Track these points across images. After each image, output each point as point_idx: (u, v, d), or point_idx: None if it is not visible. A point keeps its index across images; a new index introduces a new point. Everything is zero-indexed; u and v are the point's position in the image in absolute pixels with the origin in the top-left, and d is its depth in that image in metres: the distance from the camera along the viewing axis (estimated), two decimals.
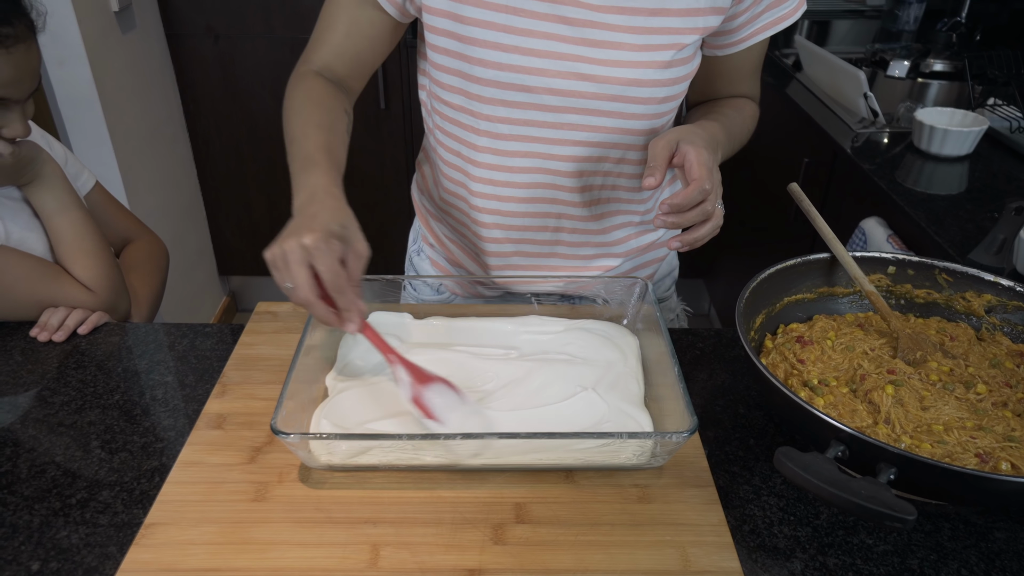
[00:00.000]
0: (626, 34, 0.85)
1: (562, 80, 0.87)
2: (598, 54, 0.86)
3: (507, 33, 0.85)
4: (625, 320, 0.94)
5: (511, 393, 0.82)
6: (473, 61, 0.87)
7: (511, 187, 0.97)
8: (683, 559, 0.66)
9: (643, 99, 0.89)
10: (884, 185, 1.45)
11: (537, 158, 0.94)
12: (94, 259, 1.06)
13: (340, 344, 0.90)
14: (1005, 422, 0.74)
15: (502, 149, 0.94)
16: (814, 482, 0.60)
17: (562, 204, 0.99)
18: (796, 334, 0.87)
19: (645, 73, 0.87)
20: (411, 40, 2.26)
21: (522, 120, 0.91)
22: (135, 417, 0.84)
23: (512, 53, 0.86)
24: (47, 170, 1.04)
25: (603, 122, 0.91)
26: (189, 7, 2.21)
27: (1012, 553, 0.69)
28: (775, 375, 0.75)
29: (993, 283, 0.88)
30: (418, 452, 0.72)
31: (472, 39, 0.86)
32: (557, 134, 0.92)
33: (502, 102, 0.90)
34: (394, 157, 2.46)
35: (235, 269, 2.72)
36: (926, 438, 0.72)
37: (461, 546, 0.67)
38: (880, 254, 0.92)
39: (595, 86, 0.88)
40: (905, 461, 0.62)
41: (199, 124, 2.41)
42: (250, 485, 0.73)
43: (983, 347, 0.86)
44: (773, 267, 0.88)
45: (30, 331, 0.98)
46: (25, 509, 0.72)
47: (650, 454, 0.73)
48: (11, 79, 0.92)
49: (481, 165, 0.96)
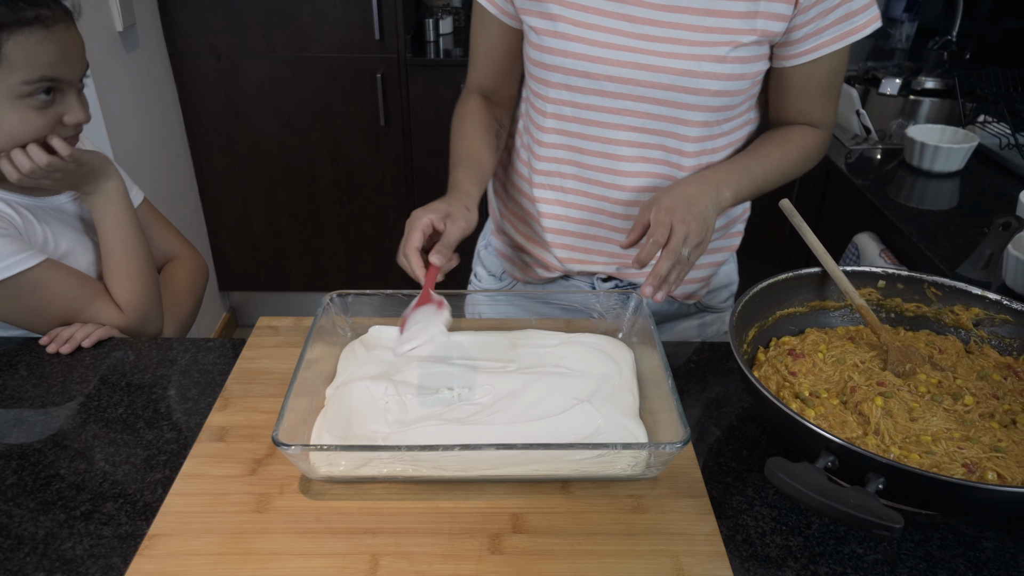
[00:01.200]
0: (683, 31, 0.92)
1: (622, 69, 0.95)
2: (655, 46, 0.93)
3: (574, 26, 0.95)
4: (620, 333, 0.96)
5: (508, 405, 0.83)
6: (544, 50, 0.98)
7: (571, 165, 1.06)
8: (677, 568, 0.67)
9: (696, 90, 0.94)
10: (876, 201, 1.48)
11: (595, 141, 1.02)
12: (137, 281, 1.07)
13: (340, 357, 0.91)
14: (992, 433, 0.76)
15: (564, 130, 1.03)
16: (804, 491, 0.61)
17: (618, 189, 1.05)
18: (788, 347, 0.89)
19: (699, 65, 0.93)
20: (410, 59, 2.29)
21: (584, 104, 1.00)
22: (138, 430, 0.85)
23: (576, 43, 0.95)
24: (111, 185, 1.06)
25: (658, 110, 0.97)
26: (192, 26, 2.25)
27: (1000, 562, 0.70)
28: (767, 387, 0.77)
29: (981, 296, 0.89)
30: (417, 463, 0.73)
31: (545, 30, 0.97)
32: (614, 119, 0.99)
33: (566, 87, 0.99)
34: (393, 174, 2.48)
35: (236, 285, 2.74)
36: (914, 448, 0.74)
37: (459, 556, 0.69)
38: (871, 268, 0.94)
39: (650, 75, 0.94)
40: (893, 471, 0.63)
41: (201, 142, 2.44)
42: (252, 496, 0.75)
43: (971, 359, 0.88)
44: (765, 281, 0.90)
45: (40, 340, 1.00)
46: (30, 521, 0.73)
47: (644, 465, 0.74)
48: (58, 58, 0.94)
49: (545, 145, 1.06)
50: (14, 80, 0.91)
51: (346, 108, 2.37)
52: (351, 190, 2.50)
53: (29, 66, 0.91)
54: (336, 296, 0.93)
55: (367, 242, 2.62)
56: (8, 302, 0.98)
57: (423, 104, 2.37)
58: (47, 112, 0.95)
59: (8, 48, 0.90)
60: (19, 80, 0.91)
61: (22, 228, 1.00)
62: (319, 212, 2.56)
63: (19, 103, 0.93)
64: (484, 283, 1.29)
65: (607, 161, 1.03)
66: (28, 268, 0.97)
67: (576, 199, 1.08)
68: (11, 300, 0.98)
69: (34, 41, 0.91)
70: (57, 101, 0.96)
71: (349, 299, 0.94)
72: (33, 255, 0.98)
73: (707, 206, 0.90)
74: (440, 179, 1.05)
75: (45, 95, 0.94)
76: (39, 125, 0.95)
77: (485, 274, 1.28)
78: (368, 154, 2.45)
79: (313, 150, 2.45)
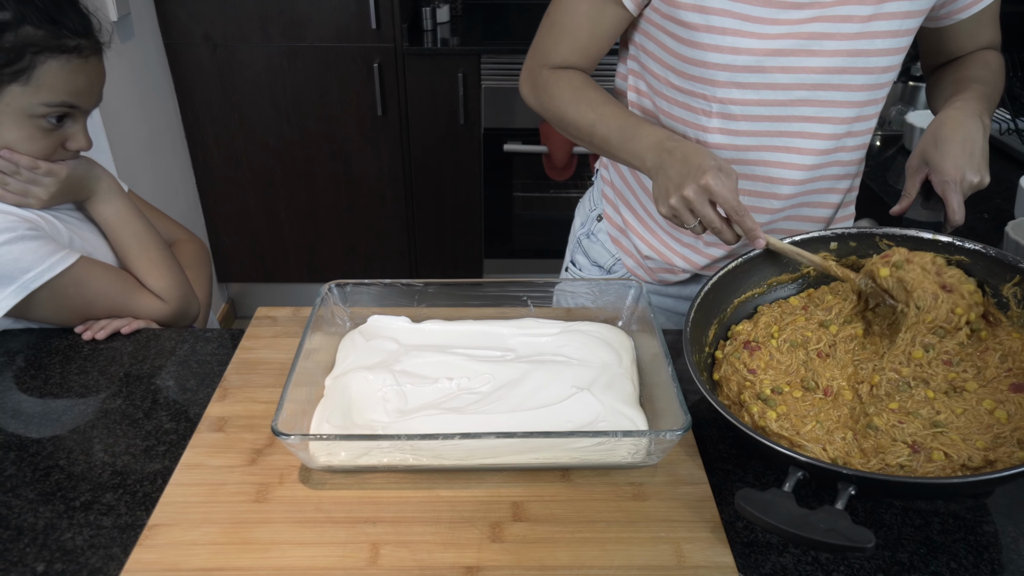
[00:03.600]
0: (856, 6, 0.89)
1: (793, 58, 0.91)
2: (827, 28, 0.89)
3: (736, 19, 0.90)
4: (620, 322, 0.96)
5: (508, 394, 0.83)
6: (708, 48, 0.92)
7: (738, 164, 1.00)
8: (677, 555, 0.67)
9: (868, 69, 0.92)
10: (876, 187, 1.47)
11: (765, 136, 0.98)
12: (164, 269, 1.08)
13: (339, 347, 0.91)
14: (929, 405, 0.75)
15: (733, 129, 0.98)
16: (773, 524, 0.61)
17: (784, 183, 1.01)
18: (743, 338, 0.87)
19: (872, 43, 0.90)
20: (407, 48, 2.28)
21: (754, 100, 0.95)
22: (138, 421, 0.85)
23: (743, 38, 0.90)
24: (103, 185, 1.06)
25: (830, 96, 0.94)
26: (187, 16, 2.23)
27: (1000, 546, 0.70)
28: (730, 388, 0.80)
29: (933, 240, 0.86)
30: (417, 452, 0.73)
31: (706, 27, 0.90)
32: (786, 111, 0.95)
33: (736, 84, 0.94)
34: (391, 164, 2.47)
35: (234, 276, 2.74)
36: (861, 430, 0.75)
37: (459, 544, 0.69)
38: (820, 233, 0.91)
39: (824, 60, 0.91)
40: (863, 480, 0.64)
41: (197, 132, 2.43)
42: (251, 486, 0.74)
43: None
44: (715, 276, 0.88)
45: (75, 328, 1.00)
46: (30, 512, 0.73)
47: (645, 452, 0.74)
48: (85, 88, 0.95)
49: (711, 146, 0.99)
50: (35, 100, 0.91)
51: (343, 98, 2.36)
52: (348, 180, 2.50)
53: (54, 91, 0.92)
54: (334, 286, 0.93)
55: (365, 232, 2.61)
56: (55, 303, 0.98)
57: (420, 94, 2.36)
58: (52, 135, 0.96)
59: (40, 71, 0.90)
60: (39, 101, 0.92)
61: (49, 230, 1.00)
62: (317, 202, 2.55)
63: (28, 121, 0.93)
64: (586, 273, 1.24)
65: (775, 155, 0.99)
66: (69, 266, 0.97)
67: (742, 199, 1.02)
68: (58, 300, 0.98)
69: (68, 69, 0.92)
70: (65, 126, 0.96)
71: (348, 288, 0.94)
72: (69, 253, 0.98)
73: (981, 141, 0.89)
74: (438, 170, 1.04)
75: (56, 120, 0.94)
76: (41, 145, 0.95)
77: (588, 264, 1.23)
78: (365, 144, 2.44)
79: (310, 140, 2.44)
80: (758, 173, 1.01)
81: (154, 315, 1.05)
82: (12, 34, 0.88)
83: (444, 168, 2.49)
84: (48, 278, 0.95)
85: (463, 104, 2.35)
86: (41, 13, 0.89)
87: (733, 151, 0.99)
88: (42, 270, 0.94)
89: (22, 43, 0.88)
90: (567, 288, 1.02)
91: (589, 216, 1.24)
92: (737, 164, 1.00)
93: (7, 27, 0.87)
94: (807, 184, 1.02)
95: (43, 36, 0.89)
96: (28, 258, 0.94)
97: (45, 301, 0.97)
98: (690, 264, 1.11)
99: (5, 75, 0.89)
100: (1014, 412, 0.73)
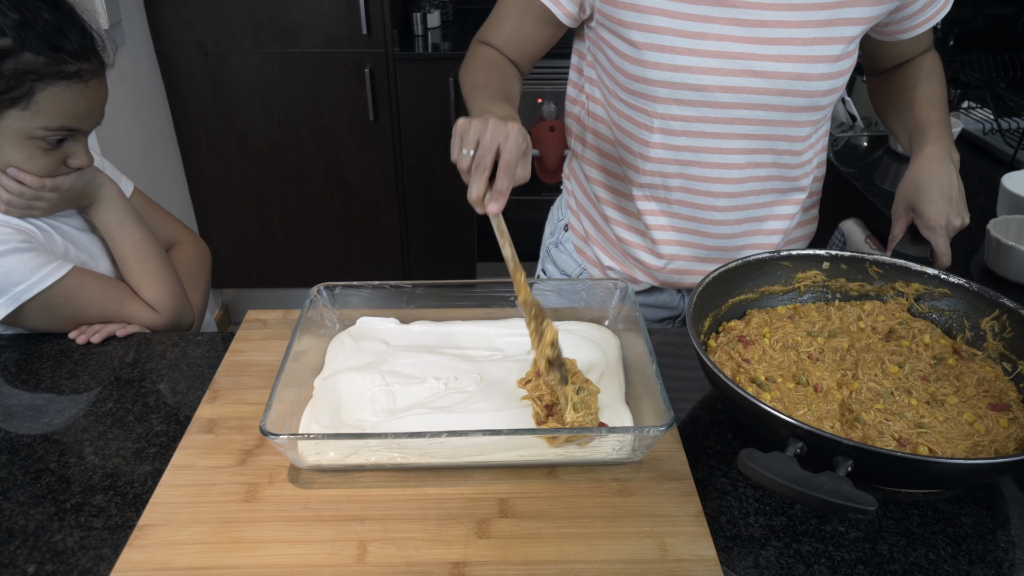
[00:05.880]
0: (798, 29, 0.91)
1: (734, 78, 0.93)
2: (769, 50, 0.91)
3: (679, 37, 0.91)
4: (607, 321, 0.97)
5: (495, 393, 0.84)
6: (648, 65, 0.94)
7: (679, 179, 1.04)
8: (661, 548, 0.68)
9: (809, 92, 0.94)
10: (862, 188, 1.49)
11: (705, 152, 1.00)
12: (158, 280, 1.08)
13: (328, 349, 0.92)
14: (914, 410, 0.78)
15: (674, 144, 1.00)
16: (778, 481, 0.62)
17: (726, 196, 1.04)
18: (736, 333, 0.90)
19: (814, 68, 0.92)
20: (398, 53, 2.29)
21: (695, 117, 0.97)
22: (128, 424, 0.85)
23: (685, 55, 0.92)
24: (105, 192, 1.06)
25: (770, 116, 0.96)
26: (178, 23, 2.24)
27: (978, 537, 0.71)
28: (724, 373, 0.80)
29: (920, 272, 0.92)
30: (404, 451, 0.74)
31: (647, 44, 0.93)
32: (726, 129, 0.98)
33: (676, 101, 0.96)
34: (384, 169, 2.48)
35: (227, 282, 2.74)
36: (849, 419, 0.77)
37: (446, 540, 0.69)
38: (814, 252, 0.95)
39: (765, 82, 0.93)
40: (861, 452, 0.65)
41: (190, 139, 2.43)
42: (241, 486, 0.75)
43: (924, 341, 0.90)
44: (718, 269, 0.90)
45: (69, 334, 1.01)
46: (21, 514, 0.74)
47: (630, 448, 0.75)
48: (85, 112, 0.95)
49: (653, 160, 1.03)
50: (34, 124, 0.92)
51: (335, 103, 2.37)
52: (341, 185, 2.51)
53: (53, 116, 0.92)
54: (323, 288, 0.94)
55: (358, 237, 2.62)
56: (46, 314, 0.99)
57: (412, 99, 2.37)
58: (52, 154, 0.96)
59: (41, 96, 0.90)
60: (39, 125, 0.92)
61: (43, 240, 1.01)
62: (309, 208, 2.56)
63: (28, 142, 0.93)
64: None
65: (717, 171, 1.01)
66: (60, 278, 0.97)
67: (681, 210, 1.06)
68: (49, 311, 0.99)
69: (69, 95, 0.92)
70: (65, 145, 0.97)
71: (336, 291, 0.94)
72: (61, 265, 0.98)
73: (956, 183, 0.94)
74: (430, 174, 1.05)
75: (56, 140, 0.95)
76: (42, 164, 0.96)
77: (557, 272, 1.27)
78: (357, 149, 2.45)
79: (302, 146, 2.45)
80: (699, 188, 1.03)
81: (146, 325, 1.06)
82: (12, 61, 0.87)
83: (436, 172, 2.50)
84: (38, 291, 0.95)
85: (455, 108, 2.36)
86: (42, 39, 0.89)
87: (675, 165, 1.02)
88: (32, 283, 0.95)
89: (22, 70, 0.88)
90: (550, 288, 1.03)
91: (557, 226, 1.26)
92: (678, 178, 1.03)
93: (7, 54, 0.87)
94: (749, 197, 1.04)
95: (43, 63, 0.89)
96: (19, 271, 0.95)
97: (36, 311, 0.97)
98: (649, 277, 1.14)
99: (4, 101, 0.89)
100: (992, 427, 0.76)
